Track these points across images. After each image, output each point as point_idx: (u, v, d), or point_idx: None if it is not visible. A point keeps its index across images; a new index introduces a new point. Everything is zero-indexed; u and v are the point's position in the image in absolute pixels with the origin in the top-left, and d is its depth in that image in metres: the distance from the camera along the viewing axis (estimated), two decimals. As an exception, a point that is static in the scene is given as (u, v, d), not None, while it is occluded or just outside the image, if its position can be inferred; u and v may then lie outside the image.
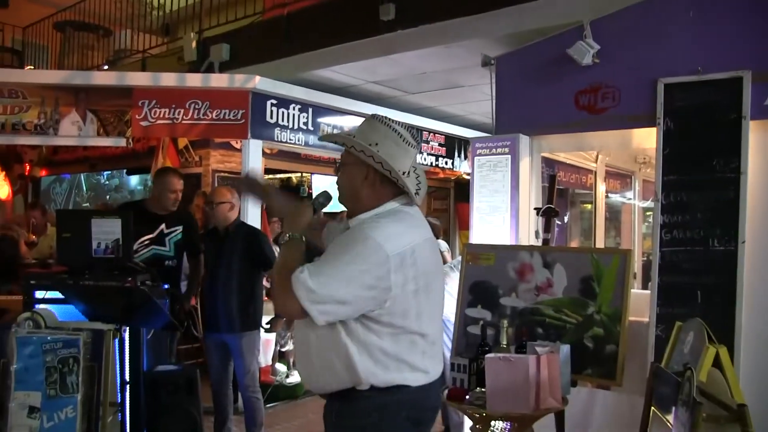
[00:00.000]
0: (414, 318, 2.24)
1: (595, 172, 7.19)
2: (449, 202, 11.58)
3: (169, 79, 6.93)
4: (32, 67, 11.46)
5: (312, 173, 11.40)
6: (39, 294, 4.36)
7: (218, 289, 5.01)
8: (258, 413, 5.13)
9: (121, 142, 7.02)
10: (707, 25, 4.31)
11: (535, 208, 5.07)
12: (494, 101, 5.38)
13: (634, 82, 4.54)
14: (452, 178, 10.92)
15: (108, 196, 11.61)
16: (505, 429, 3.59)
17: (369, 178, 2.34)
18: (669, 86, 4.29)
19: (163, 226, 5.15)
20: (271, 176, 11.52)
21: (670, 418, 2.71)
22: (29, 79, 7.18)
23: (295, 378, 7.01)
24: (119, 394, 3.90)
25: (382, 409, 2.25)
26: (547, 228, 4.85)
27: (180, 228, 5.22)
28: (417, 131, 8.38)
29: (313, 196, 2.44)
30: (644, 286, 6.38)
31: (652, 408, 3.05)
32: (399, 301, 2.19)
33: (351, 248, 2.19)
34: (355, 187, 2.36)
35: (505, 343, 3.73)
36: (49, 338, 3.44)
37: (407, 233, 2.26)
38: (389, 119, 2.37)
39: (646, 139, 4.75)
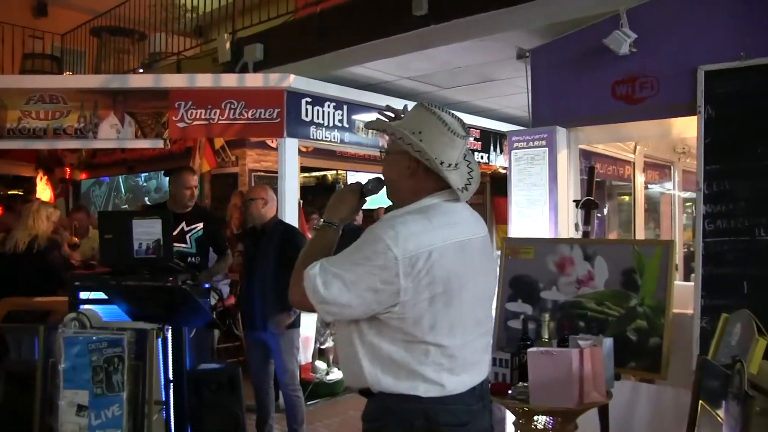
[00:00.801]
0: (428, 328, 2.07)
1: (634, 163, 7.09)
2: (485, 196, 11.51)
3: (204, 80, 6.99)
4: (70, 73, 11.65)
5: (348, 170, 11.44)
6: (84, 295, 4.44)
7: (255, 288, 5.04)
8: (299, 411, 5.14)
9: (159, 144, 7.09)
10: (749, 9, 4.22)
11: (574, 201, 5.01)
12: (530, 94, 5.33)
13: (673, 71, 4.47)
14: (488, 172, 10.87)
15: (146, 198, 11.75)
16: (548, 423, 3.55)
17: (411, 168, 2.19)
18: (710, 73, 4.21)
19: (183, 224, 5.21)
20: (306, 174, 11.58)
21: (721, 412, 2.66)
22: (69, 85, 7.29)
23: (335, 375, 7.03)
24: (163, 393, 3.96)
25: (390, 414, 2.13)
26: (587, 220, 4.79)
27: (200, 225, 5.26)
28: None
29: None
30: (686, 278, 6.29)
31: (700, 402, 3.00)
32: (410, 308, 2.04)
33: (361, 249, 2.07)
34: (397, 177, 2.25)
35: (546, 337, 3.69)
36: (94, 338, 3.49)
37: (429, 234, 2.08)
38: (436, 107, 2.22)
39: (687, 128, 4.68)
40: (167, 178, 11.01)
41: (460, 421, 2.16)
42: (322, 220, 2.23)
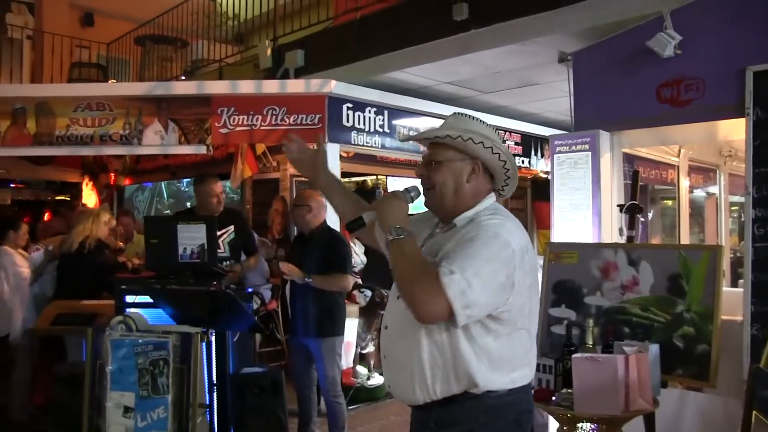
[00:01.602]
0: (527, 314, 2.24)
1: (678, 167, 6.98)
2: (526, 201, 11.44)
3: (246, 87, 7.06)
4: (114, 81, 11.86)
5: (387, 176, 11.42)
6: (129, 298, 4.51)
7: (298, 293, 5.05)
8: (340, 416, 5.14)
9: (202, 150, 7.17)
10: (799, 8, 4.14)
11: (618, 205, 4.95)
12: (572, 97, 5.29)
13: (720, 72, 4.39)
14: (528, 177, 10.80)
15: (188, 203, 11.88)
16: (591, 431, 3.51)
17: (475, 172, 2.29)
18: (759, 74, 4.12)
19: None
20: (346, 180, 11.61)
21: (776, 422, 2.60)
22: (115, 92, 7.43)
23: (376, 380, 7.03)
24: (207, 396, 3.99)
25: (493, 410, 2.20)
26: (632, 225, 4.72)
27: (231, 228, 5.30)
28: (493, 131, 8.42)
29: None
30: (733, 284, 6.17)
31: (754, 412, 2.93)
32: (517, 297, 2.16)
33: (485, 247, 2.10)
34: (455, 183, 2.28)
35: (591, 342, 3.65)
36: (140, 341, 3.55)
37: (520, 228, 2.25)
38: (471, 115, 2.36)
39: (734, 130, 4.59)
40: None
41: (530, 408, 2.37)
42: (391, 236, 2.15)
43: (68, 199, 13.54)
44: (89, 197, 12.02)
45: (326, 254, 4.98)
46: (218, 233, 5.19)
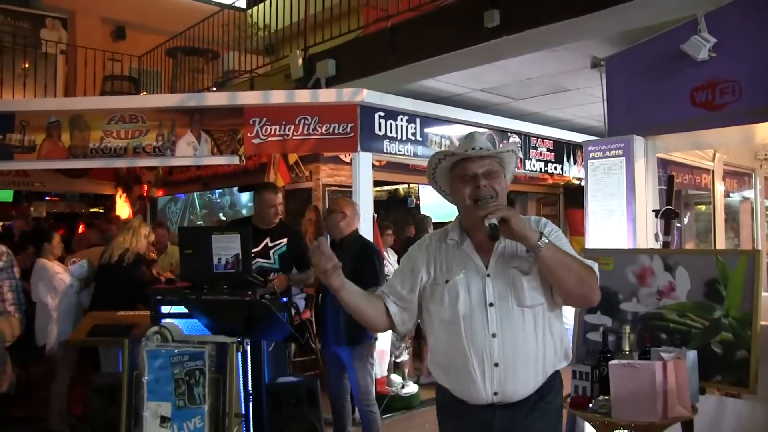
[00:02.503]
0: None
1: (713, 171, 6.90)
2: (558, 207, 11.39)
3: (278, 97, 7.11)
4: (146, 93, 12.01)
5: (419, 184, 11.44)
6: (165, 309, 4.54)
7: (330, 302, 5.04)
8: (374, 426, 5.12)
9: (235, 160, 7.22)
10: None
11: (653, 210, 4.90)
12: (605, 103, 5.26)
13: (756, 75, 4.35)
14: (561, 183, 10.74)
15: (221, 214, 11.98)
16: (629, 438, 3.48)
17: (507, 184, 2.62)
18: (795, 76, 4.08)
19: (267, 240, 5.26)
20: (378, 188, 11.64)
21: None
22: (148, 104, 7.49)
23: (410, 388, 7.02)
24: (243, 405, 4.01)
25: (559, 387, 2.61)
26: (667, 230, 4.68)
27: (284, 241, 5.31)
28: (525, 137, 8.41)
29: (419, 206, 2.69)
30: (770, 290, 6.08)
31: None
32: None
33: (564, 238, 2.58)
34: (505, 190, 2.56)
35: (627, 349, 3.62)
36: (176, 351, 3.55)
37: None
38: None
39: (771, 133, 4.55)
40: (241, 194, 11.33)
41: None
42: (546, 241, 2.37)
43: (102, 211, 13.72)
44: (122, 209, 12.17)
45: (358, 263, 4.98)
46: (271, 244, 5.27)
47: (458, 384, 2.52)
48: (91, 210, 14.45)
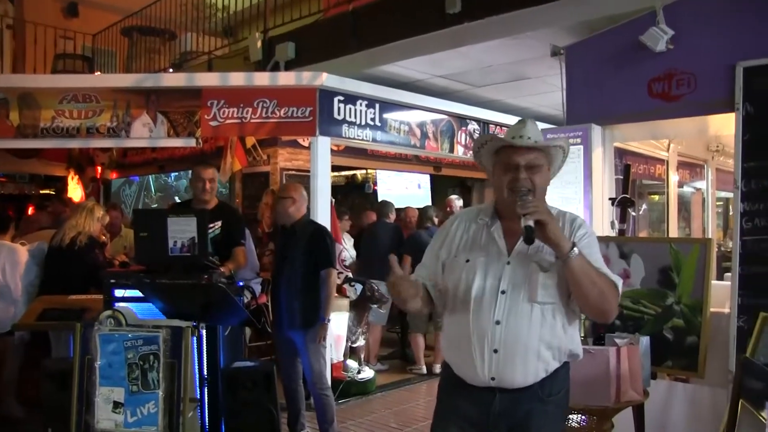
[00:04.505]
0: None
1: (667, 162, 7.03)
2: (515, 195, 11.48)
3: (237, 79, 7.01)
4: (100, 73, 11.76)
5: (377, 169, 11.44)
6: (118, 293, 4.48)
7: (283, 286, 5.05)
8: (328, 409, 5.13)
9: (191, 143, 7.12)
10: (790, 3, 4.17)
11: (610, 199, 4.98)
12: (565, 91, 5.31)
13: (711, 67, 4.42)
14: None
15: (176, 197, 11.84)
16: (581, 422, 3.54)
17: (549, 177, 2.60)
18: (749, 69, 4.15)
19: None
20: (336, 173, 11.61)
21: (764, 413, 2.63)
22: (103, 84, 7.33)
23: (366, 374, 7.03)
24: (198, 390, 3.97)
25: (569, 372, 2.62)
26: (623, 218, 4.76)
27: (219, 224, 5.11)
28: (483, 124, 8.43)
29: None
30: (719, 277, 6.22)
31: (741, 402, 2.96)
32: None
33: (591, 237, 2.56)
34: (546, 185, 2.55)
35: (582, 335, 3.68)
36: (129, 335, 3.52)
37: None
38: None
39: (724, 125, 4.64)
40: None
41: None
42: (576, 251, 2.34)
43: (53, 192, 13.43)
44: (75, 191, 11.94)
45: (311, 247, 5.00)
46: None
47: (459, 362, 2.57)
48: (41, 192, 14.14)
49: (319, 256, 5.00)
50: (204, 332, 3.93)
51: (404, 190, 11.78)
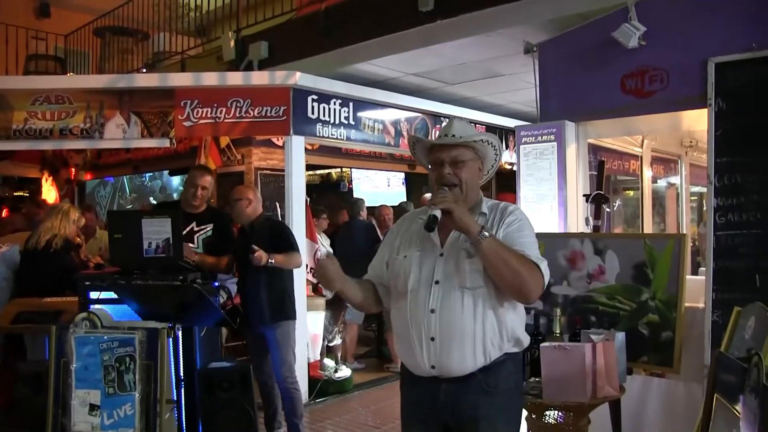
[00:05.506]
0: None
1: (641, 158, 7.07)
2: (491, 192, 11.50)
3: (210, 79, 6.97)
4: (73, 74, 11.63)
5: (352, 168, 11.42)
6: (94, 295, 4.43)
7: (250, 284, 5.09)
8: (297, 403, 5.17)
9: (165, 143, 7.07)
10: (761, -1, 4.19)
11: (584, 195, 5.00)
12: (538, 88, 5.32)
13: (683, 63, 4.45)
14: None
15: (151, 198, 11.75)
16: (558, 418, 3.55)
17: (481, 170, 2.73)
18: (720, 65, 4.17)
19: (194, 224, 5.17)
20: (311, 172, 11.57)
21: (738, 407, 2.64)
22: (75, 85, 7.25)
23: (343, 372, 7.02)
24: (175, 391, 3.95)
25: (519, 363, 2.73)
26: (597, 215, 4.78)
27: (210, 226, 5.22)
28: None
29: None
30: (693, 272, 6.27)
31: (716, 396, 2.98)
32: None
33: (528, 229, 2.65)
34: (474, 180, 2.67)
35: (558, 331, 3.70)
36: (105, 338, 3.50)
37: None
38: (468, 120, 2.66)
39: (697, 121, 4.66)
40: (172, 178, 11.13)
41: None
42: (486, 234, 2.42)
43: (27, 195, 13.26)
44: (49, 193, 11.82)
45: (273, 240, 5.05)
46: (196, 229, 5.17)
47: (403, 353, 2.70)
48: (15, 194, 13.95)
49: (281, 245, 5.06)
50: (180, 333, 3.93)
51: (379, 188, 11.78)
